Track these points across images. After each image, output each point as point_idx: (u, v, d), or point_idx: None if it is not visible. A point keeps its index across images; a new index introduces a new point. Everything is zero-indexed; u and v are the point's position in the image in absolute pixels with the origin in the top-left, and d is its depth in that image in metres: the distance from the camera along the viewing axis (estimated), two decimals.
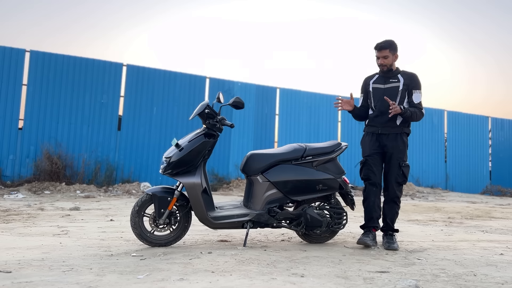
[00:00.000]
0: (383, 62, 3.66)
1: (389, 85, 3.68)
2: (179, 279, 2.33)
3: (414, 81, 3.67)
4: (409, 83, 3.66)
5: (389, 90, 3.66)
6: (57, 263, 2.69)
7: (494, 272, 2.71)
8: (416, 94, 3.66)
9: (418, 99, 3.66)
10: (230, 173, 11.76)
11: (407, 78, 3.67)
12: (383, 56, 3.65)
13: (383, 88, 3.69)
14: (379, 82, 3.74)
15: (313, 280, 2.38)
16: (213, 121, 3.44)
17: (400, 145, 3.63)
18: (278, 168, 3.52)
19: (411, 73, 3.73)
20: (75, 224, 4.66)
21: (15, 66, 9.99)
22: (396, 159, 3.62)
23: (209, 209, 3.37)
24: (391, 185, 3.63)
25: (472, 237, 4.37)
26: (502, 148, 15.85)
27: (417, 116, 3.63)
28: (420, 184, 14.07)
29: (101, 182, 10.23)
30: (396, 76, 3.70)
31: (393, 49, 3.67)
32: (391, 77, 3.70)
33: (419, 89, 3.68)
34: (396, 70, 3.73)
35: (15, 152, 9.80)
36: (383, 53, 3.64)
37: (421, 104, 3.68)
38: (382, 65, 3.68)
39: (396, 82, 3.67)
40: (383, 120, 3.66)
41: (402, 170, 3.60)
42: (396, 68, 3.75)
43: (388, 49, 3.64)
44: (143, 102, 11.14)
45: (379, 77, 3.77)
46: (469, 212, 7.34)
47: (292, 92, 12.98)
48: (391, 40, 3.69)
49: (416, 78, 3.69)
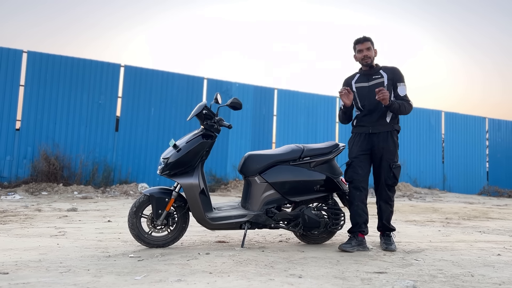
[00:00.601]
0: (368, 54, 3.57)
1: (373, 82, 3.60)
2: (177, 280, 2.32)
3: (397, 75, 3.60)
4: (392, 77, 3.58)
5: (374, 87, 3.57)
6: (54, 264, 2.69)
7: (491, 273, 2.72)
8: (401, 87, 3.57)
9: (404, 92, 3.57)
10: (228, 174, 11.75)
11: (390, 73, 3.60)
12: (366, 48, 3.57)
13: (367, 86, 3.61)
14: (361, 81, 3.66)
15: (311, 281, 2.38)
16: (211, 122, 3.44)
17: (391, 146, 3.56)
18: (276, 169, 3.52)
19: (392, 67, 3.65)
20: (73, 225, 4.65)
21: (12, 66, 9.97)
22: (386, 160, 3.54)
23: (207, 210, 3.37)
24: (382, 187, 3.56)
25: (469, 237, 4.37)
26: (499, 149, 15.90)
27: (405, 109, 3.53)
28: (418, 184, 14.10)
29: (99, 183, 10.22)
30: (378, 72, 3.62)
31: (372, 43, 3.63)
32: (374, 74, 3.62)
33: (403, 81, 3.59)
34: (377, 67, 3.65)
35: (12, 153, 9.77)
36: (366, 45, 3.58)
37: (407, 97, 3.59)
38: (366, 57, 3.58)
39: (379, 78, 3.58)
40: (372, 118, 3.58)
41: (392, 172, 3.53)
42: (376, 64, 3.67)
43: (369, 41, 3.59)
44: (141, 103, 11.13)
45: (360, 76, 3.68)
46: (466, 212, 7.36)
47: (290, 93, 12.98)
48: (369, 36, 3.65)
49: (398, 71, 3.62)
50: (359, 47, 3.60)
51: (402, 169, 13.98)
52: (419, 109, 14.73)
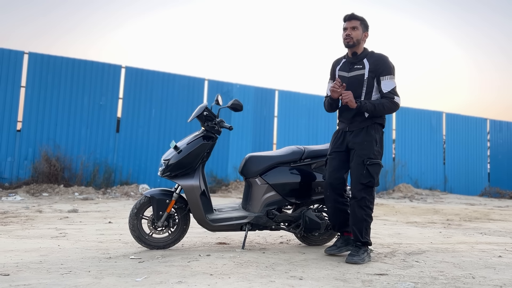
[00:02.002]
0: (351, 33, 3.09)
1: (353, 73, 3.14)
2: (178, 282, 2.32)
3: (381, 65, 3.07)
4: (375, 68, 3.07)
5: (353, 80, 3.12)
6: (55, 266, 2.69)
7: (492, 275, 2.71)
8: (386, 81, 3.05)
9: (389, 87, 3.05)
10: (228, 175, 11.75)
11: (373, 63, 3.09)
12: (352, 27, 3.10)
13: (347, 77, 3.17)
14: (344, 69, 3.22)
15: (312, 282, 2.38)
16: (211, 124, 3.44)
17: (364, 139, 3.08)
18: (277, 170, 3.52)
19: (379, 56, 3.13)
20: (73, 227, 4.65)
21: (14, 68, 9.99)
22: (359, 156, 3.06)
23: (208, 211, 3.37)
24: (354, 186, 3.07)
25: (470, 239, 4.37)
26: (500, 150, 15.88)
27: (385, 108, 3.04)
28: (419, 186, 14.08)
29: (100, 184, 10.22)
30: (361, 61, 3.13)
31: (364, 25, 3.16)
32: (356, 62, 3.14)
33: (388, 74, 3.06)
34: (362, 53, 3.16)
35: (13, 154, 9.78)
36: (353, 23, 3.11)
37: (393, 92, 3.06)
38: (348, 36, 3.10)
39: (360, 69, 3.11)
40: (349, 114, 3.15)
41: (367, 169, 3.01)
42: (363, 50, 3.18)
43: (359, 21, 3.12)
44: (142, 104, 11.13)
45: (345, 63, 3.24)
46: (467, 214, 7.35)
47: (291, 94, 12.99)
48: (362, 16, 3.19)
49: (384, 61, 3.09)
50: (344, 25, 3.15)
51: (403, 170, 13.97)
52: (420, 110, 14.72)
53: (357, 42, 3.12)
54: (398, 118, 14.33)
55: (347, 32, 3.11)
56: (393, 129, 14.23)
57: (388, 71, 3.07)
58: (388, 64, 3.09)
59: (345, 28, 3.15)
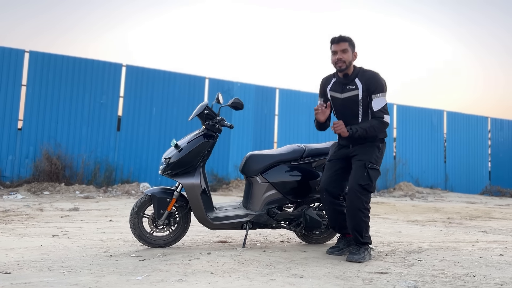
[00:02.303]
0: (342, 57, 3.05)
1: (346, 94, 3.12)
2: (178, 280, 2.32)
3: (373, 84, 3.05)
4: (368, 87, 3.05)
5: (347, 100, 3.12)
6: (56, 264, 2.69)
7: (493, 273, 2.72)
8: (377, 99, 3.03)
9: (379, 105, 3.03)
10: (229, 174, 11.76)
11: (365, 82, 3.06)
12: (342, 50, 3.06)
13: (341, 98, 3.16)
14: (336, 89, 3.19)
15: (312, 281, 2.38)
16: (212, 122, 3.44)
17: (368, 148, 3.10)
18: (277, 168, 3.52)
19: (370, 74, 3.10)
20: (74, 225, 4.66)
21: (14, 66, 9.99)
22: (360, 159, 3.07)
23: (208, 210, 3.37)
24: (352, 187, 3.02)
25: (471, 237, 4.37)
26: (501, 148, 15.87)
27: (375, 130, 3.03)
28: (420, 184, 14.08)
29: (101, 182, 10.23)
30: (353, 81, 3.10)
31: (352, 45, 3.12)
32: (348, 83, 3.12)
33: (380, 92, 3.03)
34: (353, 73, 3.12)
35: (14, 153, 9.80)
36: (342, 45, 3.06)
37: (383, 111, 3.03)
38: (340, 60, 3.06)
39: (354, 90, 3.09)
40: (348, 138, 3.17)
41: (367, 172, 3.01)
42: (353, 69, 3.14)
43: (347, 42, 3.08)
44: (143, 102, 11.14)
45: (336, 83, 3.21)
46: (468, 212, 7.35)
47: (292, 93, 12.98)
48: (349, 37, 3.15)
49: (375, 80, 3.06)
50: (333, 48, 3.11)
51: (404, 169, 13.97)
52: (421, 109, 14.71)
53: (349, 64, 3.11)
54: (399, 116, 14.31)
55: (338, 56, 3.08)
56: (394, 128, 14.21)
57: (380, 89, 3.05)
58: (379, 82, 3.07)
59: (334, 51, 3.11)
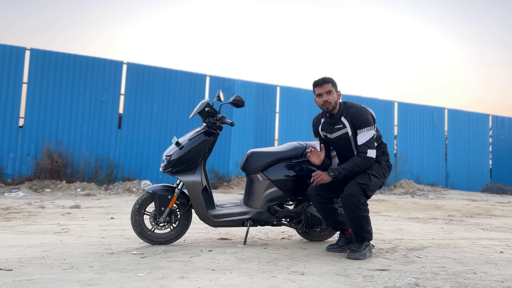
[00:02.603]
0: (328, 99, 3.08)
1: (336, 134, 3.15)
2: (180, 277, 2.33)
3: (357, 120, 3.05)
4: (353, 124, 3.07)
5: (338, 140, 3.15)
6: (57, 261, 2.70)
7: (493, 270, 2.72)
8: (362, 134, 3.03)
9: (364, 139, 3.03)
10: (230, 171, 11.77)
11: (350, 119, 3.08)
12: (326, 92, 3.09)
13: (331, 138, 3.20)
14: (325, 129, 3.23)
15: (313, 278, 2.39)
16: (213, 120, 3.44)
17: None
18: (278, 166, 3.52)
19: (354, 110, 3.10)
20: (76, 222, 4.67)
21: (15, 64, 10.00)
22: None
23: (210, 207, 3.38)
24: (350, 187, 3.00)
25: (472, 235, 4.37)
26: (502, 146, 15.86)
27: (359, 167, 3.02)
28: (420, 182, 14.08)
29: (102, 180, 10.25)
30: (339, 120, 3.13)
31: (335, 85, 3.15)
32: (335, 122, 3.14)
33: (365, 126, 3.03)
34: (339, 112, 3.14)
35: (15, 150, 9.81)
36: (326, 87, 3.10)
37: (367, 145, 3.02)
38: (327, 102, 3.09)
39: (342, 129, 3.12)
40: None
41: (368, 175, 3.05)
42: (339, 107, 3.16)
43: (331, 83, 3.12)
44: (143, 100, 11.14)
45: (324, 123, 3.24)
46: (469, 210, 7.35)
47: (293, 90, 12.98)
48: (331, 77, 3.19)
49: (359, 115, 3.06)
50: (318, 91, 3.13)
51: (405, 166, 13.98)
52: (422, 106, 14.71)
53: (335, 105, 3.13)
54: (400, 114, 14.31)
55: (324, 98, 3.11)
56: (395, 125, 14.22)
57: (365, 124, 3.05)
58: (364, 117, 3.06)
59: (319, 94, 3.13)
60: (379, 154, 3.17)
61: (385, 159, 3.23)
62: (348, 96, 13.71)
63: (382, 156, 3.21)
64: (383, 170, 3.17)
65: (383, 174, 3.16)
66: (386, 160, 3.24)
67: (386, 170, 3.21)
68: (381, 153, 3.20)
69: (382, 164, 3.18)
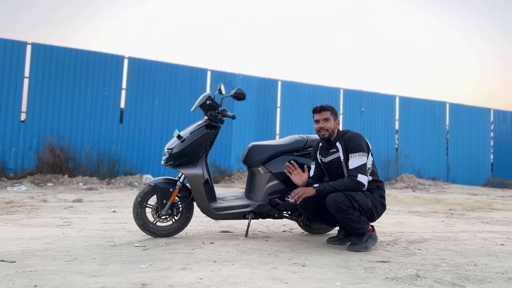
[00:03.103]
0: (325, 126, 3.13)
1: (329, 157, 3.17)
2: (182, 268, 2.35)
3: (351, 144, 3.05)
4: (346, 148, 3.08)
5: (331, 164, 3.16)
6: (60, 253, 2.72)
7: (494, 262, 2.73)
8: (353, 158, 3.01)
9: (355, 164, 3.00)
10: (231, 166, 11.79)
11: (344, 143, 3.10)
12: (324, 119, 3.14)
13: (325, 162, 3.21)
14: (321, 153, 3.26)
15: (314, 269, 2.40)
16: (214, 113, 3.44)
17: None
18: (280, 159, 3.52)
19: (349, 135, 3.11)
20: (78, 216, 4.69)
21: (17, 58, 10.00)
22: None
23: (211, 200, 3.39)
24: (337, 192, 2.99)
25: (473, 228, 4.38)
26: (504, 140, 15.84)
27: (347, 188, 2.97)
28: (422, 176, 14.09)
29: (104, 174, 10.28)
30: (335, 144, 3.15)
31: (334, 114, 3.19)
32: (331, 147, 3.17)
33: (357, 151, 3.02)
34: (336, 138, 3.18)
35: (17, 145, 9.84)
36: (324, 115, 3.15)
37: (358, 170, 2.99)
38: (322, 129, 3.14)
39: (335, 153, 3.13)
40: None
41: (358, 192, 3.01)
42: (337, 134, 3.19)
43: (329, 111, 3.17)
44: (145, 94, 11.14)
45: (321, 148, 3.28)
46: (470, 204, 7.36)
47: (294, 85, 12.96)
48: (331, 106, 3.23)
49: (353, 140, 3.06)
50: (316, 117, 3.20)
51: (406, 160, 13.98)
52: (423, 100, 14.68)
53: (332, 132, 3.17)
54: (401, 108, 14.29)
55: (320, 125, 3.16)
56: (396, 119, 14.20)
57: (357, 149, 3.03)
58: (357, 142, 3.05)
59: (316, 120, 3.19)
60: (372, 187, 3.10)
61: (380, 193, 3.13)
62: (350, 91, 13.70)
63: (377, 191, 3.12)
64: (374, 199, 3.06)
65: (373, 204, 3.03)
66: (381, 195, 3.13)
67: (379, 203, 3.09)
68: (376, 187, 3.12)
69: (375, 195, 3.08)
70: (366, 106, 13.79)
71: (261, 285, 2.03)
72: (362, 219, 2.99)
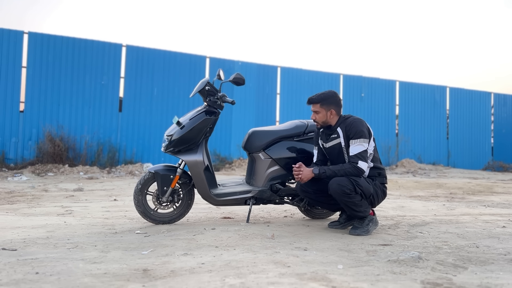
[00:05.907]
0: (315, 118, 3.15)
1: (330, 143, 3.14)
2: (183, 254, 2.34)
3: (352, 130, 3.02)
4: (347, 134, 3.05)
5: (332, 149, 3.14)
6: (62, 241, 2.72)
7: (496, 244, 2.73)
8: (354, 145, 2.99)
9: (356, 150, 2.97)
10: (232, 153, 11.78)
11: (345, 129, 3.07)
12: (314, 111, 3.14)
13: (326, 147, 3.20)
14: (323, 138, 3.25)
15: (316, 253, 2.40)
16: (214, 98, 3.42)
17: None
18: (280, 144, 3.51)
19: (350, 121, 3.08)
20: (79, 204, 4.69)
21: (14, 48, 9.92)
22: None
23: (212, 186, 3.38)
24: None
25: (474, 211, 4.38)
26: (504, 124, 15.80)
27: (347, 174, 2.96)
28: (422, 161, 14.09)
29: (104, 163, 10.28)
30: (335, 130, 3.12)
31: (326, 104, 3.11)
32: (332, 133, 3.15)
33: (358, 137, 2.99)
34: (337, 123, 3.14)
35: (17, 135, 9.81)
36: (313, 107, 3.15)
37: (359, 156, 2.96)
38: (314, 120, 3.19)
39: (336, 139, 3.10)
40: None
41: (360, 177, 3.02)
42: (338, 119, 3.15)
43: (318, 103, 3.11)
44: (144, 83, 11.08)
45: (322, 133, 3.26)
46: (471, 187, 7.36)
47: (293, 71, 12.88)
48: (328, 94, 3.14)
49: (354, 126, 3.02)
50: (311, 108, 3.20)
51: (407, 146, 13.97)
52: (423, 85, 14.61)
53: (324, 123, 3.17)
54: (402, 93, 14.23)
55: (312, 116, 3.20)
56: (397, 105, 14.15)
57: (358, 135, 3.00)
58: (358, 128, 3.02)
59: (312, 110, 3.20)
60: (373, 174, 3.10)
61: (381, 180, 3.13)
62: (350, 76, 13.62)
63: (378, 178, 3.12)
64: (376, 186, 3.06)
65: (374, 190, 3.03)
66: (382, 183, 3.13)
67: (380, 190, 3.10)
68: (377, 174, 3.12)
69: (376, 182, 3.08)
70: (366, 92, 13.73)
71: (263, 268, 2.03)
72: (363, 203, 2.98)
